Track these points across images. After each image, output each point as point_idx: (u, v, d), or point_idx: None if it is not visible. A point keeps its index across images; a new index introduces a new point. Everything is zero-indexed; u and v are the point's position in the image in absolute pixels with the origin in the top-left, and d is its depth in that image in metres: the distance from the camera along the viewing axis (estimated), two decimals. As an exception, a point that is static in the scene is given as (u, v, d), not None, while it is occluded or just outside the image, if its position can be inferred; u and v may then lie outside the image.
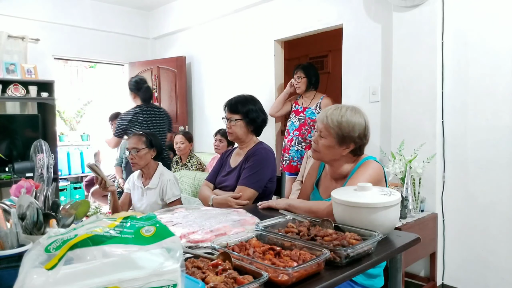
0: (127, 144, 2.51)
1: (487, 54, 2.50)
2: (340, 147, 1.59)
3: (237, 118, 2.12)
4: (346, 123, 1.56)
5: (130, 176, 2.64)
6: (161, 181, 2.44)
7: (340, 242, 1.09)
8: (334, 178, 1.71)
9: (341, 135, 1.57)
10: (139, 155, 2.41)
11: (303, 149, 3.47)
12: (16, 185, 1.23)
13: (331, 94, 3.82)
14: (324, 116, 1.61)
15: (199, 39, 4.92)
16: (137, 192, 2.52)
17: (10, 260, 0.86)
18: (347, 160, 1.65)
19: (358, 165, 1.62)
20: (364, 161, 1.62)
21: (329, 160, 1.66)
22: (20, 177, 3.41)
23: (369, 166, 1.58)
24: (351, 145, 1.59)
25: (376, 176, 1.56)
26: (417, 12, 2.69)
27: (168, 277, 0.67)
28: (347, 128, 1.56)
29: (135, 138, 2.46)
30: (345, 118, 1.57)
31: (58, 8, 4.73)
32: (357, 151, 1.63)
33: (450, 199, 2.69)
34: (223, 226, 1.32)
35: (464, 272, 2.66)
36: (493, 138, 2.49)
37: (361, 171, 1.57)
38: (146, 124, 3.53)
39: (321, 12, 3.50)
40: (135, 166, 2.45)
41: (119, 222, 0.73)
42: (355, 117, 1.58)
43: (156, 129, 3.56)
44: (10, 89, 4.10)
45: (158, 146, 2.51)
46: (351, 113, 1.59)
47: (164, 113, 3.78)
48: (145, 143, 2.44)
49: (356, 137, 1.57)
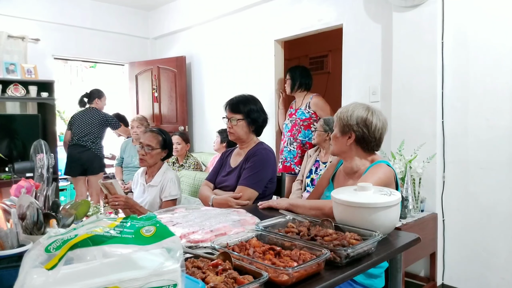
0: (141, 138, 2.44)
1: (487, 54, 2.50)
2: (343, 137, 1.68)
3: (238, 118, 2.12)
4: (345, 112, 1.67)
5: (135, 174, 2.62)
6: (163, 179, 2.42)
7: (340, 242, 1.09)
8: (347, 174, 1.74)
9: (342, 125, 1.67)
10: (152, 153, 2.36)
11: (294, 149, 3.51)
12: (16, 185, 1.23)
13: (331, 94, 3.83)
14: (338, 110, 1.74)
15: (199, 39, 4.92)
16: (139, 189, 2.51)
17: (10, 260, 0.86)
18: (357, 155, 1.69)
19: (370, 166, 1.64)
20: (377, 163, 1.64)
21: (338, 151, 1.73)
22: (20, 177, 3.41)
23: (380, 169, 1.60)
24: (352, 134, 1.65)
25: (386, 180, 1.57)
26: (417, 12, 2.69)
27: (168, 277, 0.67)
28: (346, 117, 1.66)
29: (150, 136, 2.40)
30: (347, 108, 1.68)
31: (58, 8, 4.73)
32: (363, 144, 1.65)
33: (450, 199, 2.69)
34: (223, 226, 1.32)
35: (464, 272, 2.66)
36: (493, 138, 2.49)
37: (372, 172, 1.59)
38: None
39: (321, 12, 3.50)
40: (143, 162, 2.40)
41: (119, 222, 0.73)
42: (358, 109, 1.66)
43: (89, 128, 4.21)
44: (10, 89, 4.10)
45: (170, 147, 2.49)
46: (355, 105, 1.69)
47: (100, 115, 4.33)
48: (160, 143, 2.39)
49: (354, 125, 1.63)
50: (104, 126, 4.36)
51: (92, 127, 4.26)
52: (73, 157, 4.21)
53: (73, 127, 4.24)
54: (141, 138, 2.45)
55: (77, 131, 4.22)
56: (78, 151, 4.21)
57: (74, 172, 4.26)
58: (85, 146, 4.22)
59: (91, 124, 4.25)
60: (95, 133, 4.27)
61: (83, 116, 4.27)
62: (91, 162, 4.25)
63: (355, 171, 1.69)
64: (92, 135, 4.25)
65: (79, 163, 4.20)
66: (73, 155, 4.21)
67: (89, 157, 4.23)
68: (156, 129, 2.54)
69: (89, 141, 4.23)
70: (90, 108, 4.36)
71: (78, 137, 4.21)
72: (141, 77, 5.38)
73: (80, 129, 4.22)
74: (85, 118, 4.26)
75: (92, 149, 4.26)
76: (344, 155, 1.72)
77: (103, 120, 4.34)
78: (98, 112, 4.35)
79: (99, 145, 4.33)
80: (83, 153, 4.21)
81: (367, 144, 1.67)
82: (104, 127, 4.38)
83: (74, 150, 4.22)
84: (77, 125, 4.23)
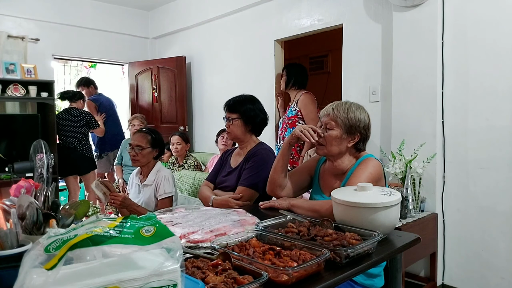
0: (131, 140, 2.50)
1: (487, 54, 2.50)
2: (348, 137, 1.65)
3: (234, 117, 2.13)
4: (352, 113, 1.64)
5: (130, 175, 2.65)
6: (157, 178, 2.44)
7: (340, 242, 1.09)
8: (334, 175, 1.72)
9: (349, 125, 1.63)
10: (142, 153, 2.41)
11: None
12: (16, 185, 1.22)
13: (331, 94, 3.83)
14: (329, 109, 1.67)
15: (199, 39, 4.92)
16: (134, 189, 2.54)
17: (10, 260, 0.86)
18: (349, 154, 1.69)
19: (358, 162, 1.64)
20: (364, 158, 1.65)
21: (336, 153, 1.67)
22: (19, 177, 3.40)
23: (369, 164, 1.61)
24: (357, 136, 1.65)
25: (376, 174, 1.59)
26: (417, 12, 2.69)
27: (168, 277, 0.67)
28: (354, 119, 1.63)
29: (139, 136, 2.44)
30: (351, 111, 1.65)
31: (58, 8, 4.73)
32: (360, 144, 1.67)
33: (450, 199, 2.69)
34: (223, 226, 1.32)
35: (464, 272, 2.66)
36: (493, 138, 2.49)
37: (362, 169, 1.59)
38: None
39: (321, 12, 3.50)
40: (136, 162, 2.45)
41: (119, 222, 0.73)
42: (359, 110, 1.67)
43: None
44: (10, 89, 4.10)
45: (161, 145, 2.51)
46: (355, 107, 1.67)
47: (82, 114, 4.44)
48: (149, 142, 2.43)
49: (362, 127, 1.64)
50: (87, 125, 4.48)
51: (77, 128, 4.37)
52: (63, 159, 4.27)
53: (59, 129, 4.33)
54: (131, 140, 2.49)
55: (63, 133, 4.34)
56: (66, 153, 4.32)
57: (64, 173, 4.39)
58: (71, 148, 4.35)
59: (75, 125, 4.37)
60: (79, 134, 4.39)
61: (67, 117, 4.36)
62: (81, 162, 4.41)
63: (344, 172, 1.68)
64: (77, 136, 4.37)
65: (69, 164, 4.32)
66: (62, 157, 4.27)
67: (78, 158, 4.38)
68: (145, 129, 2.58)
69: (75, 143, 4.36)
70: (72, 108, 4.44)
71: (65, 139, 4.35)
72: (141, 77, 5.38)
73: (65, 131, 4.34)
74: (69, 119, 4.36)
75: (79, 150, 4.38)
76: (339, 156, 1.68)
77: (85, 119, 4.44)
78: (81, 112, 4.46)
79: (85, 145, 4.46)
80: (71, 155, 4.35)
81: (363, 145, 1.69)
82: (87, 126, 4.49)
83: (62, 152, 4.31)
84: (62, 127, 4.33)
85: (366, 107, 1.73)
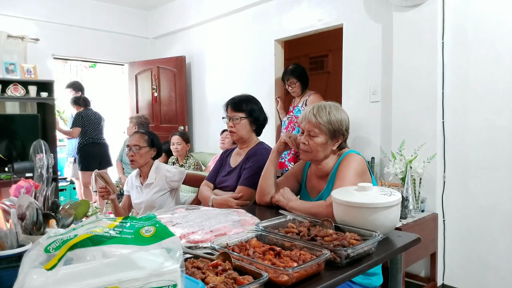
0: (128, 141, 2.50)
1: (488, 54, 2.50)
2: (332, 142, 1.65)
3: (241, 116, 2.10)
4: (334, 116, 1.63)
5: (129, 177, 2.63)
6: (160, 174, 2.44)
7: (341, 243, 1.09)
8: (319, 177, 1.74)
9: (332, 130, 1.63)
10: (140, 153, 2.40)
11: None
12: (16, 185, 1.22)
13: (331, 94, 3.83)
14: (311, 116, 1.64)
15: (199, 39, 4.92)
16: (136, 191, 2.52)
17: (10, 260, 0.86)
18: (333, 154, 1.70)
19: (340, 160, 1.65)
20: (345, 155, 1.66)
21: (321, 158, 1.68)
22: (19, 177, 3.41)
23: (351, 159, 1.62)
24: (340, 139, 1.67)
25: (361, 168, 1.61)
26: (417, 12, 2.69)
27: (168, 277, 0.67)
28: (336, 122, 1.63)
29: (137, 136, 2.44)
30: (333, 114, 1.64)
31: (58, 8, 4.72)
32: (342, 144, 1.70)
33: (451, 199, 2.69)
34: (223, 226, 1.32)
35: (465, 272, 2.66)
36: (493, 138, 2.49)
37: (345, 166, 1.60)
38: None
39: (321, 12, 3.50)
40: (134, 164, 2.44)
41: (118, 222, 0.73)
42: (339, 111, 1.66)
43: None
44: (9, 89, 4.10)
45: (158, 146, 2.51)
46: (335, 108, 1.66)
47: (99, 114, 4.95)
48: (147, 141, 2.42)
49: (344, 130, 1.66)
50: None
51: (101, 126, 4.88)
52: (92, 154, 4.72)
53: (86, 126, 4.70)
54: (128, 141, 2.49)
55: (91, 130, 4.75)
56: (96, 147, 4.76)
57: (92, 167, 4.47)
58: (101, 143, 4.83)
59: (100, 123, 4.85)
60: (103, 131, 4.93)
61: (93, 116, 4.79)
62: (106, 155, 4.91)
63: (328, 172, 1.69)
64: (102, 133, 4.90)
65: (97, 158, 4.73)
66: (92, 152, 4.73)
67: (106, 151, 4.90)
68: (142, 130, 2.58)
69: (102, 138, 4.87)
70: (91, 109, 4.90)
71: (94, 135, 4.76)
72: (141, 77, 5.38)
73: (94, 128, 4.78)
74: (95, 118, 4.80)
75: (106, 144, 4.92)
76: (324, 160, 1.68)
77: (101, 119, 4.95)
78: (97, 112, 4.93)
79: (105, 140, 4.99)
80: (101, 149, 4.83)
81: (345, 143, 1.71)
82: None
83: (92, 147, 4.73)
84: (90, 124, 4.74)
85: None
